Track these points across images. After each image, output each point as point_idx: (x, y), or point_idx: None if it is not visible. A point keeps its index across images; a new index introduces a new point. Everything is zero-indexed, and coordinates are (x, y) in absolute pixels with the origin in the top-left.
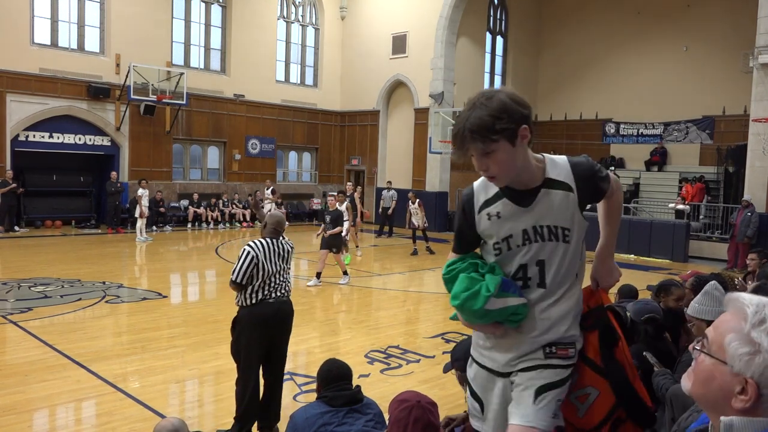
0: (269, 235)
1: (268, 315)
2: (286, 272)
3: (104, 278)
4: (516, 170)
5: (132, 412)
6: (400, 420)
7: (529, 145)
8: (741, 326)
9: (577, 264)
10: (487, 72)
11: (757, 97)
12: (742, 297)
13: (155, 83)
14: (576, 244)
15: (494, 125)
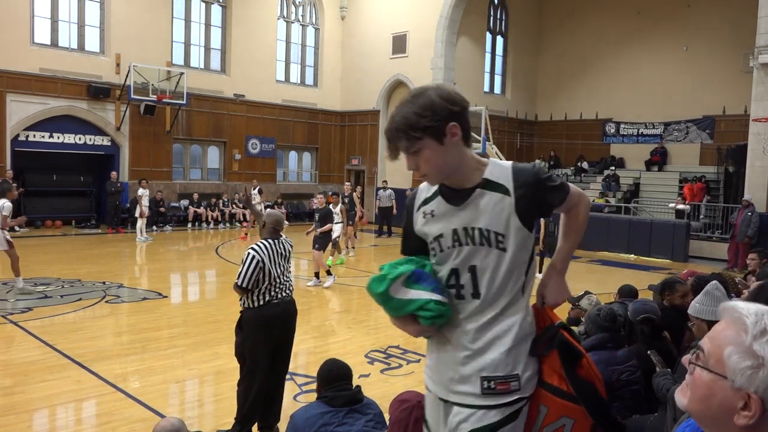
0: (270, 236)
1: (274, 316)
2: (288, 271)
3: (104, 278)
4: (446, 169)
5: (132, 412)
6: (400, 420)
7: (467, 143)
8: (741, 338)
9: (521, 278)
10: (487, 72)
11: (757, 96)
12: (738, 306)
13: (155, 83)
14: (515, 254)
15: (418, 123)
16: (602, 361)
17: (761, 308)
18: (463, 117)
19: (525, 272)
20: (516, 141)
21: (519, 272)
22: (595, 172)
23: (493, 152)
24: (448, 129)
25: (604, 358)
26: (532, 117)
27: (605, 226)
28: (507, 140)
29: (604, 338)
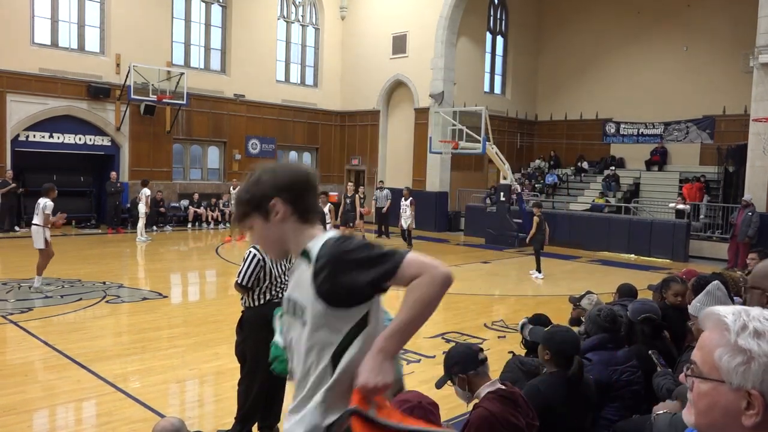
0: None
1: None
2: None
3: (104, 278)
4: (271, 245)
5: (132, 412)
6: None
7: (302, 219)
8: (726, 338)
9: (320, 364)
10: (487, 72)
11: (757, 96)
12: (716, 310)
13: (155, 83)
14: (311, 332)
15: (245, 199)
16: (602, 362)
17: (738, 308)
18: (291, 193)
19: (330, 360)
20: (516, 141)
21: (320, 354)
22: (595, 172)
23: (493, 152)
24: (271, 206)
25: (604, 359)
26: (532, 117)
27: (605, 226)
28: (507, 140)
29: (604, 338)
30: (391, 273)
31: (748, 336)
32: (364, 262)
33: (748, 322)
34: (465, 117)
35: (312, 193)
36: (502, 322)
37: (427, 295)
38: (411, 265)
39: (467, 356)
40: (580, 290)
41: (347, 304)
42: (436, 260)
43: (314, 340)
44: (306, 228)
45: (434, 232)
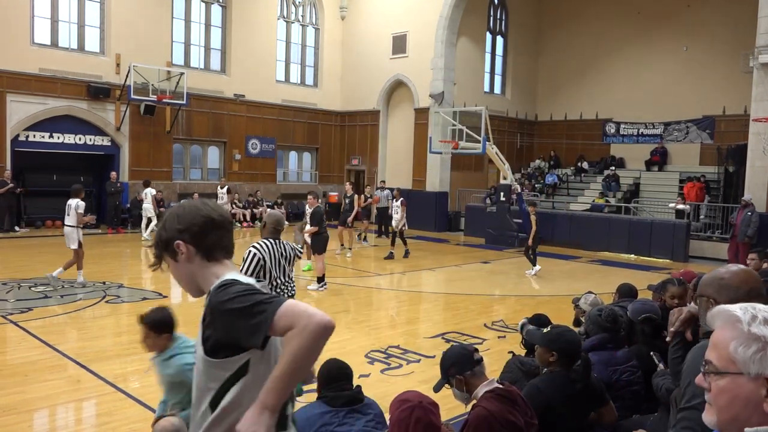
0: (270, 236)
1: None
2: (290, 273)
3: (104, 278)
4: (186, 284)
5: (132, 412)
6: (401, 420)
7: (208, 258)
8: (738, 329)
9: (200, 407)
10: (487, 72)
11: (757, 97)
12: (723, 307)
13: (155, 83)
14: (197, 376)
15: (155, 241)
16: (602, 362)
17: (743, 304)
18: (192, 234)
19: (210, 402)
20: (516, 141)
21: (201, 398)
22: (595, 172)
23: (494, 152)
24: (176, 246)
25: (604, 359)
26: (532, 117)
27: (605, 226)
28: (507, 140)
29: (604, 338)
30: (265, 326)
31: (760, 324)
32: (238, 313)
33: (757, 312)
34: (465, 117)
35: (217, 231)
36: (502, 322)
37: (300, 347)
38: (284, 316)
39: (463, 357)
40: (580, 290)
41: (222, 355)
42: (314, 309)
43: (198, 383)
44: (212, 266)
45: (434, 232)
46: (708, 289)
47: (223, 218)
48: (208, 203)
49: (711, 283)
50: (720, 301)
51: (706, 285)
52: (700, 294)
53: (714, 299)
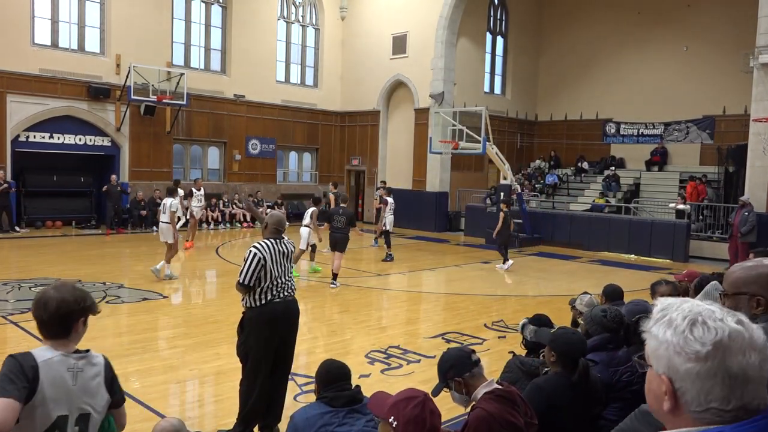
0: (271, 236)
1: (277, 315)
2: (290, 271)
3: (105, 279)
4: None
5: (132, 413)
6: (416, 416)
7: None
8: (648, 326)
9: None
10: (487, 72)
11: (757, 96)
12: (656, 302)
13: (155, 84)
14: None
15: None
16: (603, 362)
17: (675, 302)
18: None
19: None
20: (516, 141)
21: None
22: (595, 172)
23: (494, 152)
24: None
25: (605, 359)
26: (532, 117)
27: (605, 226)
28: (507, 140)
29: (605, 339)
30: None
31: (661, 324)
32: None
33: (671, 313)
34: (465, 117)
35: (49, 318)
36: (503, 323)
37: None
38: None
39: (461, 359)
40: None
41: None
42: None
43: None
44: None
45: (434, 232)
46: (753, 287)
47: (53, 307)
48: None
49: (757, 280)
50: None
51: (751, 282)
52: (740, 292)
53: (763, 296)
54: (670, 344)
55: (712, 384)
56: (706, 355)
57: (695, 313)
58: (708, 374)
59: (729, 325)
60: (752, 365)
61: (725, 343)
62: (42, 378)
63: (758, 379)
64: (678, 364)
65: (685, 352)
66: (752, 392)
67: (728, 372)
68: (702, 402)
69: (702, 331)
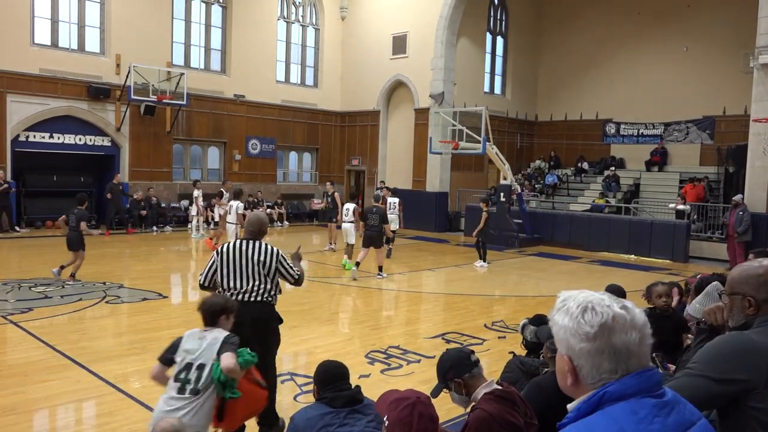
0: (245, 237)
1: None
2: (255, 277)
3: (105, 279)
4: None
5: (132, 413)
6: (402, 419)
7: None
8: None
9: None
10: (487, 72)
11: (757, 97)
12: (558, 295)
13: (155, 83)
14: None
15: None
16: None
17: (574, 293)
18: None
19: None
20: (516, 141)
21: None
22: (595, 173)
23: (494, 153)
24: None
25: None
26: (532, 117)
27: (605, 226)
28: (507, 141)
29: None
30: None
31: (561, 312)
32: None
33: (568, 303)
34: (465, 117)
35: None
36: (503, 323)
37: None
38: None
39: (460, 360)
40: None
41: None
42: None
43: None
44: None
45: (434, 233)
46: (744, 287)
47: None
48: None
49: (748, 280)
50: (759, 298)
51: (742, 282)
52: (734, 292)
53: (752, 297)
54: (567, 328)
55: (601, 359)
56: (594, 335)
57: (587, 302)
58: (597, 351)
59: (614, 310)
60: (633, 341)
61: (609, 324)
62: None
63: (639, 353)
64: (574, 344)
65: (578, 334)
66: (635, 364)
67: (613, 348)
68: (595, 375)
69: (591, 316)
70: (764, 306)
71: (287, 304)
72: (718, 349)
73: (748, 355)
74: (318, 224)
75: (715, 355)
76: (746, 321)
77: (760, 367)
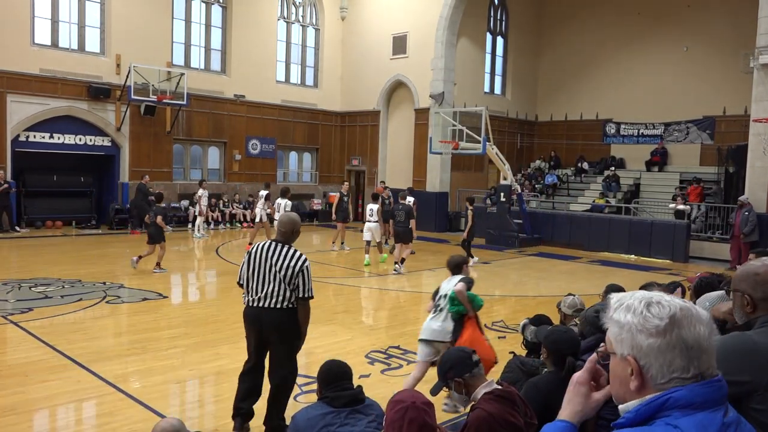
0: (275, 238)
1: (247, 319)
2: (275, 281)
3: (105, 278)
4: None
5: (133, 413)
6: (394, 421)
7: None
8: (609, 315)
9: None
10: (487, 72)
11: (757, 97)
12: (609, 297)
13: (156, 83)
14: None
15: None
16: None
17: (629, 293)
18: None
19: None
20: (516, 141)
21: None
22: (595, 173)
23: (494, 153)
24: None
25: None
26: (532, 117)
27: (605, 226)
28: (507, 141)
29: (599, 339)
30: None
31: (620, 310)
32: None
33: (627, 300)
34: (465, 117)
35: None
36: (503, 323)
37: None
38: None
39: (461, 359)
40: (580, 291)
41: None
42: None
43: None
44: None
45: (434, 233)
46: (742, 284)
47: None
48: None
49: (746, 278)
50: (755, 297)
51: (741, 280)
52: (735, 289)
53: (749, 295)
54: (631, 325)
55: (672, 356)
56: (664, 328)
57: (649, 297)
58: (668, 346)
59: (678, 302)
60: (703, 336)
61: (678, 316)
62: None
63: (709, 349)
64: (641, 341)
65: (646, 329)
66: (706, 361)
67: (685, 343)
68: (665, 373)
69: (658, 309)
70: (761, 305)
71: None
72: (719, 350)
73: (748, 357)
74: (318, 224)
75: (716, 356)
76: (748, 320)
77: (761, 368)
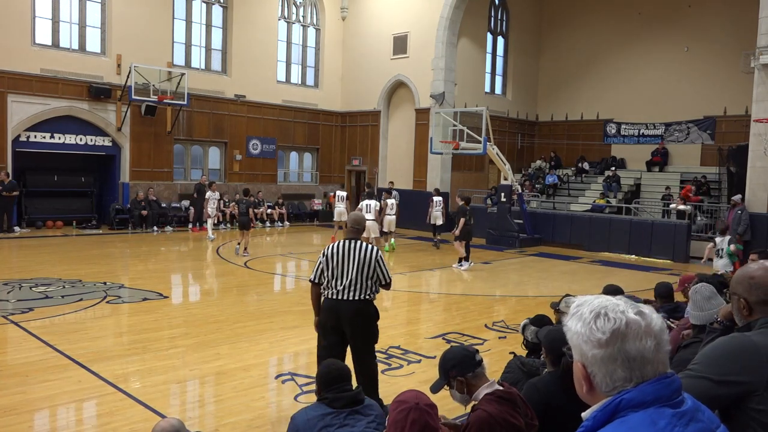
0: (347, 237)
1: (328, 311)
2: (360, 274)
3: (105, 279)
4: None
5: (133, 413)
6: (397, 422)
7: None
8: (565, 322)
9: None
10: (487, 72)
11: (758, 97)
12: (569, 302)
13: (156, 84)
14: None
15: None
16: None
17: (589, 299)
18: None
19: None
20: (517, 141)
21: None
22: (595, 173)
23: (494, 153)
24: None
25: None
26: (532, 117)
27: (606, 226)
28: (508, 141)
29: None
30: None
31: (573, 318)
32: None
33: (581, 309)
34: (466, 117)
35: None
36: (503, 323)
37: None
38: None
39: (465, 358)
40: (581, 291)
41: None
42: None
43: None
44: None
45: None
46: (738, 288)
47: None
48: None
49: (742, 281)
50: (750, 300)
51: (737, 284)
52: (732, 292)
53: (745, 298)
54: (580, 335)
55: (614, 366)
56: (606, 341)
57: (601, 307)
58: (610, 358)
59: (628, 315)
60: (648, 348)
61: (622, 330)
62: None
63: (654, 361)
64: (586, 350)
65: (590, 340)
66: (651, 372)
67: (627, 355)
68: (609, 383)
69: (603, 322)
70: (757, 308)
71: (288, 304)
72: (719, 350)
73: (748, 357)
74: (319, 224)
75: (716, 357)
76: (748, 323)
77: (760, 369)
